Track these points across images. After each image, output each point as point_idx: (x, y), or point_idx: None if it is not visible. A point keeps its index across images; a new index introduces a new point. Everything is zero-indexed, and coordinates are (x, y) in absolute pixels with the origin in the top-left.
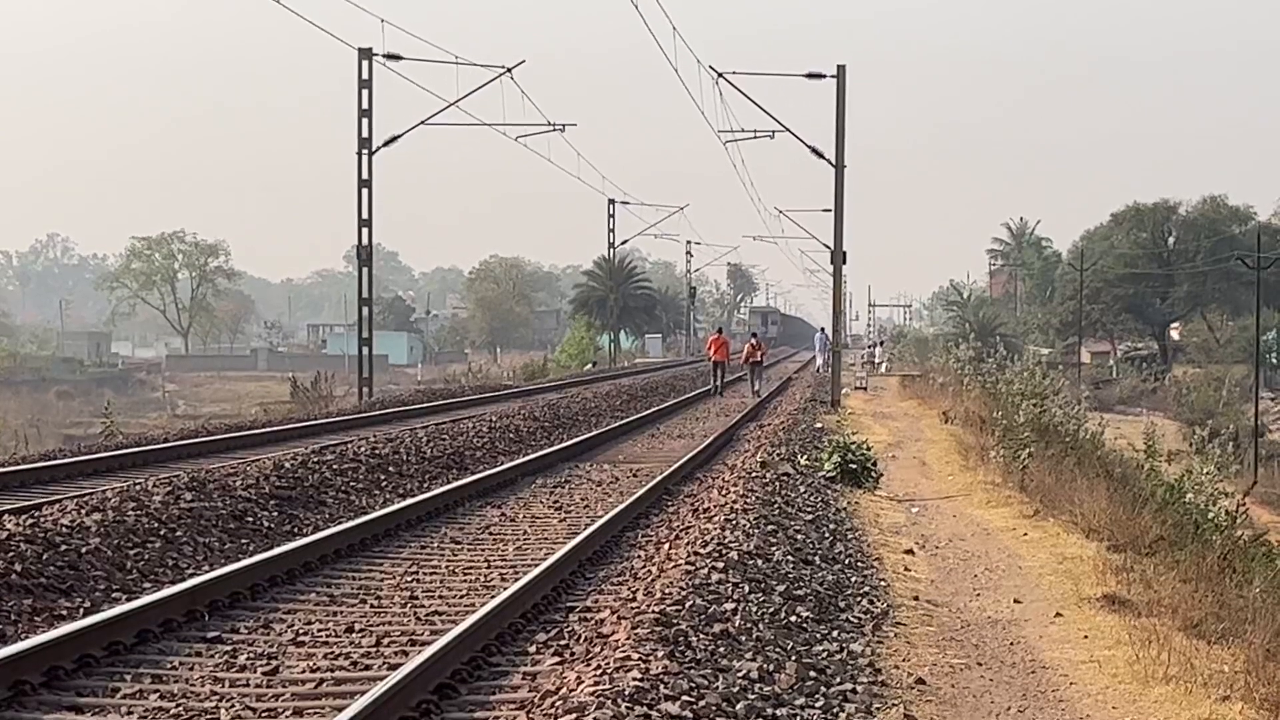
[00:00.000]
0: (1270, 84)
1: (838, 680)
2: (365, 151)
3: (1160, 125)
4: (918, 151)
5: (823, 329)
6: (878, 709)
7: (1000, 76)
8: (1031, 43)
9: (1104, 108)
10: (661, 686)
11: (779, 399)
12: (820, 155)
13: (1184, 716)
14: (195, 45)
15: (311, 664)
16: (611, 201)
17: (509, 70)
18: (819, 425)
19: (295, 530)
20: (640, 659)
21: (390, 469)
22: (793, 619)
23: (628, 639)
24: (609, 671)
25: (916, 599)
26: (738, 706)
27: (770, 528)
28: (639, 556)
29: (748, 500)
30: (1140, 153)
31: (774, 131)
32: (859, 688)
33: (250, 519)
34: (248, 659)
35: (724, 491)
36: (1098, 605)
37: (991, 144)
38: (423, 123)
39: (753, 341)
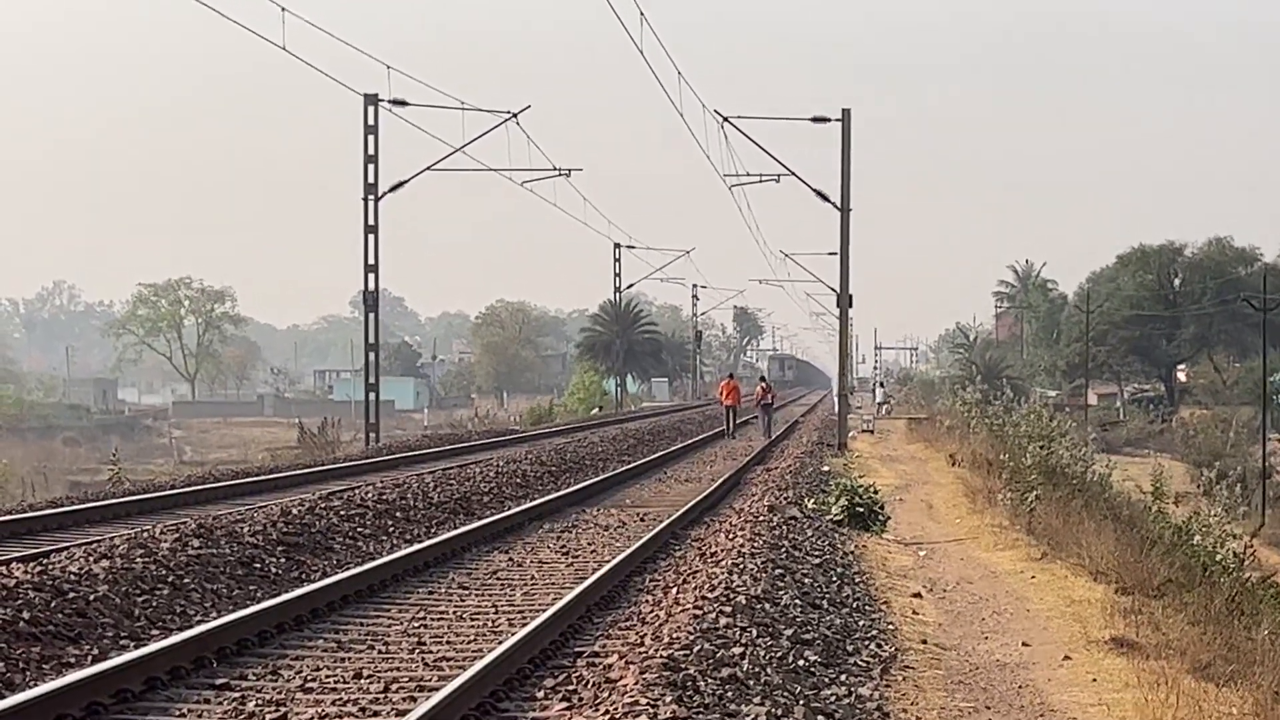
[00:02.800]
0: (1276, 125)
1: None
2: (371, 197)
3: (1166, 167)
4: (923, 194)
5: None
6: None
7: (1007, 118)
8: (1037, 85)
9: (1109, 149)
10: None
11: (786, 442)
12: (826, 199)
13: None
14: (202, 90)
15: (320, 710)
16: (617, 245)
17: (515, 115)
18: (826, 468)
19: (303, 576)
20: (648, 704)
21: (397, 514)
22: (801, 663)
23: (635, 684)
24: (617, 717)
25: (925, 642)
26: None
27: (778, 572)
28: (647, 601)
29: (755, 544)
30: (1146, 195)
31: (779, 175)
32: None
33: (258, 565)
34: (256, 706)
35: (731, 536)
36: (1106, 648)
37: (997, 186)
38: (429, 168)
39: (763, 385)
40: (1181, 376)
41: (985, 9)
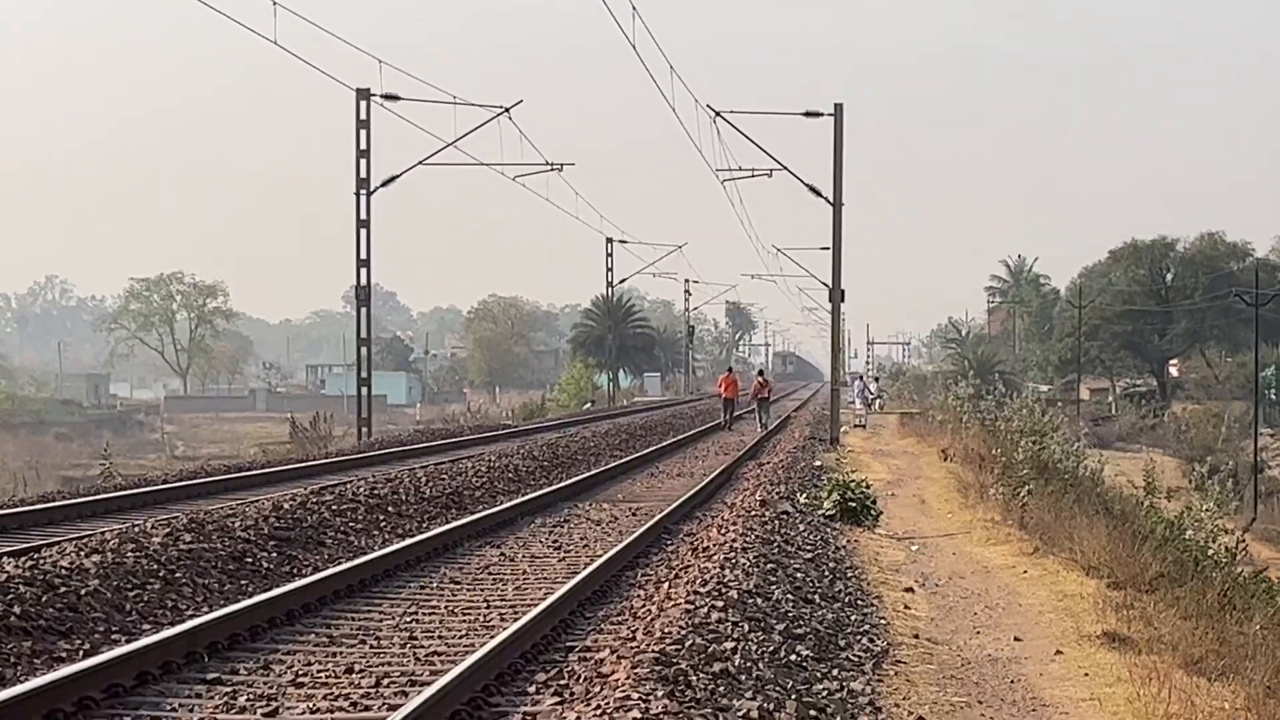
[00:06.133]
0: (1267, 120)
1: (838, 719)
2: (363, 192)
3: (1158, 162)
4: (916, 189)
5: (861, 376)
6: None
7: (998, 113)
8: (1029, 79)
9: (1102, 144)
10: None
11: (778, 436)
12: (818, 193)
13: None
14: (193, 85)
15: (311, 705)
16: (609, 240)
17: (507, 110)
18: (818, 463)
19: (294, 571)
20: (640, 699)
21: (389, 509)
22: (793, 657)
23: (627, 678)
24: (609, 711)
25: (917, 637)
26: None
27: (770, 566)
28: (638, 596)
29: (747, 539)
30: (1138, 190)
31: (772, 170)
32: None
33: (249, 560)
34: (247, 700)
35: (723, 530)
36: (1098, 642)
37: (990, 181)
38: (421, 163)
39: (760, 379)
40: (1173, 371)
41: (978, 5)
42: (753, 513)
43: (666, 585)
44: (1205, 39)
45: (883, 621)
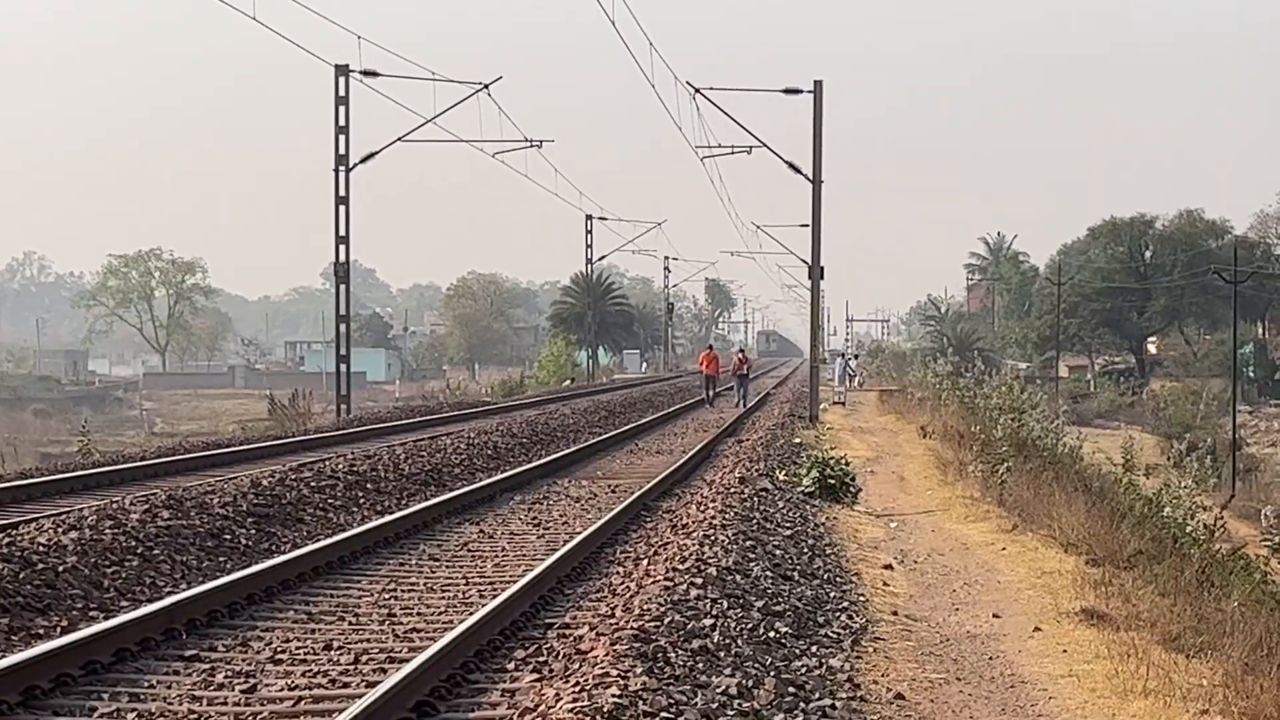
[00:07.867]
0: (1246, 98)
1: (817, 696)
2: (342, 168)
3: (1137, 140)
4: (895, 167)
5: (843, 355)
6: None
7: (978, 91)
8: (1008, 57)
9: (1080, 122)
10: (640, 703)
11: (758, 413)
12: (797, 170)
13: None
14: (172, 62)
15: (289, 682)
16: (589, 217)
17: (486, 87)
18: (797, 440)
19: (273, 548)
20: (619, 675)
21: (368, 486)
22: (771, 634)
23: (606, 655)
24: (588, 688)
25: (895, 614)
26: None
27: (749, 543)
28: (617, 573)
29: (726, 516)
30: (1117, 167)
31: (751, 147)
32: (838, 703)
33: (228, 537)
34: (226, 677)
35: (702, 507)
36: (1076, 619)
37: (969, 159)
38: (400, 139)
39: (739, 356)
40: (1152, 349)
41: None
42: (732, 490)
43: (645, 562)
44: (1184, 19)
45: (861, 598)
